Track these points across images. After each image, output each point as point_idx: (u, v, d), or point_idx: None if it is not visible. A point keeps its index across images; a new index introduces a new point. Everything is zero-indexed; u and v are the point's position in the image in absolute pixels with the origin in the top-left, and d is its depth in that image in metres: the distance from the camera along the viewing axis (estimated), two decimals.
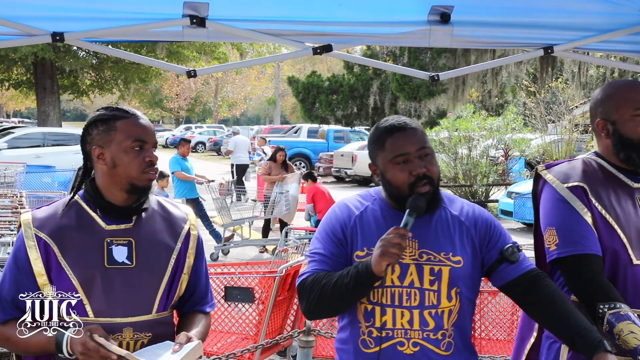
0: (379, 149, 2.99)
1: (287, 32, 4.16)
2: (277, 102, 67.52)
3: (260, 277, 6.40)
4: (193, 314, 3.15)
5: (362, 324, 2.96)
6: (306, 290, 2.94)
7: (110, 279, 2.88)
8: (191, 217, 3.16)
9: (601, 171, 3.29)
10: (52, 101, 31.90)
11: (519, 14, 4.07)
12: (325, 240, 3.01)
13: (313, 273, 2.95)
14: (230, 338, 6.42)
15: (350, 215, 3.03)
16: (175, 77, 62.16)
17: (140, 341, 2.92)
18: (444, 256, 2.95)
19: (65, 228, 2.92)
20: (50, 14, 3.85)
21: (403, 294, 2.91)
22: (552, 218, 3.22)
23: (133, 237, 2.96)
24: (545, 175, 3.34)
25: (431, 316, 2.91)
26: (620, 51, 4.57)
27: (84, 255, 2.89)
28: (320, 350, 6.44)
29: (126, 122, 2.94)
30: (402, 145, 2.94)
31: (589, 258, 3.10)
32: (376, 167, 3.04)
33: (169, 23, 3.96)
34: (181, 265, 3.05)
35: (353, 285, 2.81)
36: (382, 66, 6.12)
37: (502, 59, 4.83)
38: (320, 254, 2.99)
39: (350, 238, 2.98)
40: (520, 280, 2.97)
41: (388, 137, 2.96)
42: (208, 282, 3.22)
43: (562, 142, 23.87)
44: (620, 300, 3.00)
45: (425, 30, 4.08)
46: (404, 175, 2.91)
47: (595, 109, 3.34)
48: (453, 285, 2.94)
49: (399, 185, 2.93)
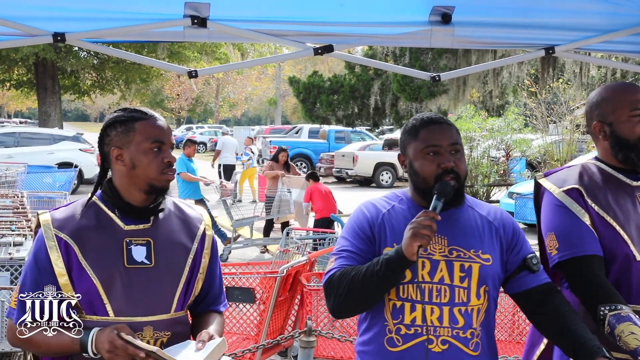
0: (411, 139, 3.00)
1: (288, 32, 4.16)
2: (278, 103, 67.53)
3: (261, 278, 6.40)
4: (208, 313, 3.17)
5: (389, 321, 2.92)
6: (334, 285, 2.89)
7: (130, 278, 2.91)
8: (206, 218, 3.19)
9: (599, 173, 3.31)
10: (53, 101, 31.92)
11: (520, 14, 4.07)
12: (352, 238, 2.99)
13: (340, 268, 2.92)
14: (232, 338, 6.42)
15: (378, 213, 3.02)
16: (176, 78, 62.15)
17: (160, 340, 2.94)
18: (473, 253, 2.95)
19: (85, 228, 2.95)
20: (51, 14, 3.85)
21: (433, 290, 2.89)
22: (551, 223, 3.25)
23: (151, 237, 2.98)
24: (543, 182, 3.38)
25: (461, 314, 2.89)
26: (622, 52, 4.57)
27: (104, 255, 2.91)
28: (322, 351, 6.44)
29: (145, 124, 2.97)
30: (435, 137, 2.96)
31: (589, 259, 3.12)
32: (405, 157, 3.04)
33: (170, 23, 3.96)
34: (197, 265, 3.07)
35: (384, 271, 2.78)
36: (383, 66, 6.13)
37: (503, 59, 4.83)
38: (348, 250, 2.97)
39: (378, 235, 2.97)
40: (535, 290, 3.00)
41: (423, 128, 2.99)
42: (222, 282, 3.25)
43: (563, 143, 23.87)
44: (621, 302, 3.01)
45: (426, 30, 4.08)
46: (433, 166, 2.92)
47: (592, 112, 3.36)
48: (482, 283, 2.94)
49: (426, 177, 2.94)
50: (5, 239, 6.75)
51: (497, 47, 5.10)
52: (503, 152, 22.73)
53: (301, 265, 6.70)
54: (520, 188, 17.76)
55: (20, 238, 6.82)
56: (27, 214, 8.78)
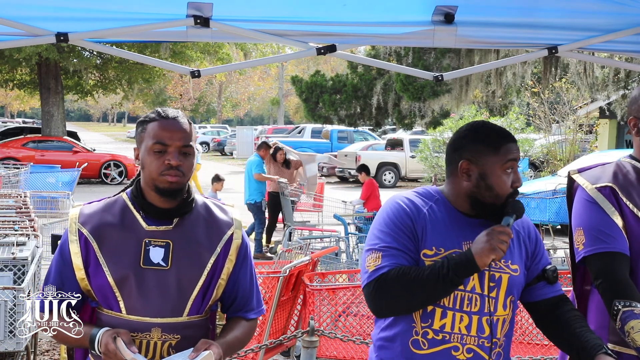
0: (490, 152, 2.93)
1: (291, 32, 4.16)
2: (281, 102, 67.54)
3: (264, 277, 6.41)
4: (235, 319, 3.18)
5: (417, 323, 2.89)
6: (389, 285, 2.82)
7: (144, 278, 2.94)
8: (237, 223, 3.16)
9: (634, 172, 3.30)
10: (56, 101, 31.92)
11: (523, 14, 4.07)
12: (397, 234, 2.90)
13: (393, 267, 2.83)
14: None
15: (419, 211, 2.94)
16: (179, 78, 62.21)
17: (167, 342, 2.96)
18: (503, 263, 2.94)
19: (108, 225, 3.00)
20: (54, 14, 3.85)
21: (465, 298, 2.88)
22: (580, 219, 3.26)
23: (171, 239, 3.00)
24: (577, 178, 3.37)
25: (488, 323, 2.90)
26: (625, 51, 4.56)
27: (121, 254, 2.96)
28: (324, 351, 6.44)
29: (154, 125, 2.99)
30: (513, 153, 2.95)
31: (614, 255, 3.13)
32: (474, 167, 2.95)
33: (173, 23, 3.96)
34: (219, 270, 3.06)
35: (451, 276, 2.75)
36: (386, 66, 6.15)
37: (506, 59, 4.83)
38: (394, 248, 2.88)
39: (421, 234, 2.90)
40: (549, 301, 3.03)
41: (506, 143, 2.95)
42: (253, 288, 3.21)
43: (565, 143, 23.88)
44: (637, 299, 3.02)
45: (429, 30, 4.07)
46: (508, 184, 2.92)
47: (630, 107, 3.36)
48: (510, 294, 2.95)
49: (502, 193, 2.92)
50: (8, 238, 6.75)
51: (500, 47, 5.10)
52: None
53: (304, 265, 6.70)
54: (523, 188, 17.56)
55: (23, 238, 6.82)
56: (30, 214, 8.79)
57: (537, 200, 14.73)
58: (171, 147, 2.96)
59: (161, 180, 2.95)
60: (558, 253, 12.44)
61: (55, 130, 31.42)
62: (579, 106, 25.85)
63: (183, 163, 2.96)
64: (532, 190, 16.31)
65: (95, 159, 28.25)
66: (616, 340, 3.14)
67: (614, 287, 3.07)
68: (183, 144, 2.98)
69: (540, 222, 14.36)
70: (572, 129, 24.08)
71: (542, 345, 6.25)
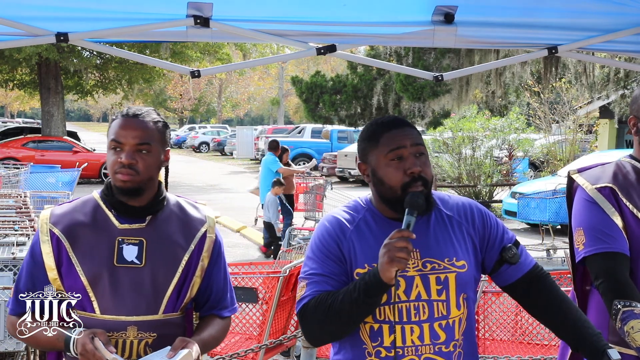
0: (372, 145, 2.85)
1: (290, 32, 4.16)
2: (281, 103, 67.56)
3: (264, 278, 6.41)
4: (209, 317, 3.15)
5: (367, 344, 2.80)
6: (309, 315, 2.75)
7: (117, 277, 2.93)
8: (210, 220, 3.15)
9: (634, 172, 3.30)
10: (56, 101, 31.93)
11: (523, 14, 4.07)
12: (321, 260, 2.81)
13: (314, 295, 2.76)
14: (234, 338, 6.43)
15: (344, 231, 2.84)
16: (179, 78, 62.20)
17: (144, 341, 2.94)
18: (448, 262, 2.82)
19: (80, 225, 2.99)
20: (54, 14, 3.85)
21: (411, 309, 2.77)
22: (580, 219, 3.25)
23: (144, 237, 2.99)
24: (577, 178, 3.36)
25: (442, 328, 2.79)
26: (625, 51, 4.56)
27: (94, 253, 2.94)
28: (324, 351, 6.44)
29: (115, 122, 3.01)
30: (398, 140, 2.80)
31: (614, 255, 3.13)
32: (367, 166, 2.88)
33: (173, 23, 3.96)
34: (193, 267, 3.05)
35: (363, 298, 2.64)
36: (386, 66, 6.14)
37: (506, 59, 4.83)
38: (319, 274, 2.79)
39: (348, 255, 2.80)
40: (520, 281, 2.92)
41: (383, 133, 2.84)
42: (227, 286, 3.19)
43: (565, 143, 23.87)
44: (638, 299, 3.01)
45: (429, 30, 4.07)
46: (399, 174, 2.77)
47: (631, 106, 3.36)
48: (461, 292, 2.84)
49: (393, 185, 2.78)
50: (8, 238, 6.76)
51: (500, 47, 5.09)
52: (506, 152, 22.70)
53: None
54: (523, 188, 17.72)
55: (23, 238, 6.82)
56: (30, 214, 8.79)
57: (537, 200, 14.71)
58: (125, 146, 2.94)
59: (115, 179, 2.96)
60: (558, 253, 12.46)
61: (55, 130, 31.42)
62: (579, 106, 25.83)
63: (137, 162, 2.94)
64: (532, 190, 16.30)
65: (95, 159, 28.22)
66: (616, 341, 3.14)
67: (614, 287, 3.07)
68: (138, 142, 2.95)
69: (540, 222, 14.36)
70: (572, 129, 24.07)
71: (542, 345, 6.25)
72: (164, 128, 3.07)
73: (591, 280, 3.31)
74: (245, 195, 21.99)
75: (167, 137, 3.09)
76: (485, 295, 6.10)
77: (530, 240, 14.56)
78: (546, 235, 14.07)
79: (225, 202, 22.29)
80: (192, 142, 57.02)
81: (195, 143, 56.32)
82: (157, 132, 3.02)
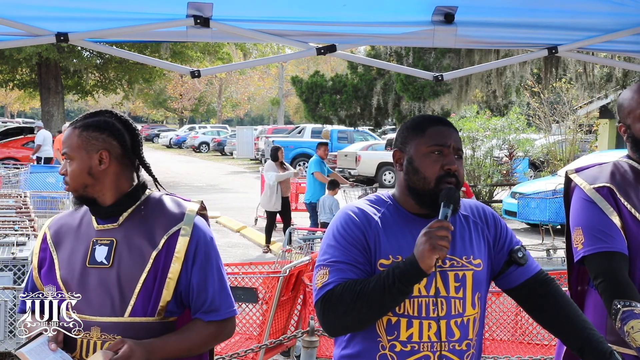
0: (416, 135, 2.85)
1: (290, 32, 4.16)
2: (281, 102, 67.54)
3: (264, 278, 6.41)
4: (193, 321, 3.02)
5: (382, 337, 2.78)
6: (335, 302, 2.71)
7: (87, 277, 2.94)
8: (187, 218, 3.00)
9: (632, 172, 3.31)
10: (56, 101, 31.95)
11: (523, 14, 4.07)
12: (345, 248, 2.78)
13: (339, 282, 2.72)
14: (234, 338, 6.43)
15: (370, 221, 2.83)
16: (179, 78, 62.22)
17: (107, 342, 2.87)
18: (465, 260, 2.84)
19: (66, 228, 3.08)
20: (54, 14, 3.86)
21: (430, 304, 2.76)
22: (579, 218, 3.26)
23: (115, 237, 2.97)
24: (575, 178, 3.37)
25: (457, 326, 2.79)
26: (625, 51, 4.56)
27: (72, 254, 2.99)
28: (324, 351, 6.44)
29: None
30: (443, 137, 2.83)
31: (613, 255, 3.13)
32: (403, 154, 2.89)
33: (173, 23, 3.96)
34: (163, 268, 2.93)
35: (398, 286, 2.62)
36: (386, 66, 6.13)
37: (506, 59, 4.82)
38: (342, 262, 2.76)
39: (374, 245, 2.79)
40: (526, 284, 2.93)
41: (431, 126, 2.85)
42: (212, 289, 2.99)
43: (566, 143, 23.88)
44: (637, 299, 3.02)
45: (429, 30, 4.07)
46: (436, 166, 2.79)
47: (618, 113, 3.39)
48: (476, 291, 2.85)
49: (428, 176, 2.79)
50: (8, 238, 6.76)
51: (500, 47, 5.09)
52: (506, 152, 22.71)
53: (304, 265, 6.70)
54: (523, 188, 17.73)
55: (23, 238, 6.83)
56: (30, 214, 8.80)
57: (537, 200, 14.72)
58: (66, 156, 3.03)
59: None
60: (558, 253, 12.45)
61: (55, 130, 31.41)
62: (579, 106, 25.84)
63: (67, 171, 3.01)
64: (532, 190, 16.31)
65: None
66: (613, 340, 3.14)
67: (613, 287, 3.08)
68: (63, 152, 3.04)
69: (540, 222, 14.36)
70: (572, 129, 24.07)
71: (542, 345, 6.26)
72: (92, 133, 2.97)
73: (588, 280, 3.32)
74: (245, 195, 22.01)
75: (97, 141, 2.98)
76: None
77: (530, 240, 14.57)
78: (546, 235, 14.08)
79: (225, 202, 22.29)
80: (192, 142, 57.06)
81: (195, 143, 56.35)
82: (77, 140, 2.97)
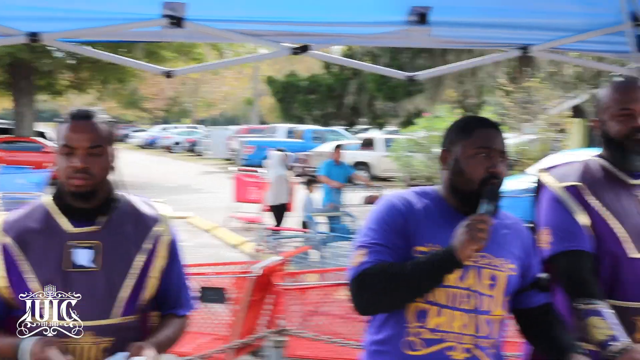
0: (463, 136, 2.89)
1: (264, 32, 4.16)
2: (255, 102, 67.36)
3: (235, 278, 6.40)
4: (167, 317, 3.07)
5: (411, 323, 2.81)
6: (370, 280, 2.77)
7: (70, 282, 2.84)
8: (164, 218, 3.05)
9: (602, 170, 3.32)
10: (27, 102, 31.71)
11: (496, 14, 4.10)
12: (385, 231, 2.84)
13: (376, 263, 2.78)
14: (204, 339, 6.41)
15: (412, 207, 2.88)
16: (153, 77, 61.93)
17: (102, 345, 2.86)
18: (501, 262, 2.87)
19: (30, 232, 2.90)
20: (26, 14, 3.83)
21: (463, 296, 2.80)
22: (546, 218, 3.25)
23: (99, 240, 2.90)
24: (544, 177, 3.37)
25: (485, 323, 2.82)
26: (596, 51, 4.61)
27: (44, 259, 2.86)
28: (293, 350, 6.43)
29: (64, 126, 2.91)
30: (489, 139, 2.88)
31: (579, 254, 3.13)
32: (450, 153, 2.92)
33: (147, 23, 3.95)
34: (149, 267, 2.96)
35: (434, 272, 2.70)
36: (359, 66, 6.13)
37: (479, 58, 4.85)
38: (381, 244, 2.82)
39: (413, 231, 2.83)
40: (537, 309, 3.00)
41: (477, 128, 2.90)
42: (183, 284, 3.11)
43: (537, 142, 24.01)
44: (598, 297, 3.05)
45: (403, 30, 4.09)
46: (481, 168, 2.83)
47: (596, 105, 3.39)
48: (507, 294, 2.89)
49: (472, 177, 2.83)
50: None
51: (474, 47, 5.12)
52: None
53: (275, 264, 6.70)
54: None
55: None
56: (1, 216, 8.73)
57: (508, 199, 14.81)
58: (78, 150, 2.86)
59: (68, 184, 2.87)
60: None
61: (27, 131, 31.20)
62: (551, 105, 25.98)
63: (91, 165, 2.86)
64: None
65: None
66: (580, 337, 3.17)
67: (577, 286, 3.09)
68: (90, 145, 2.87)
69: None
70: (544, 128, 24.21)
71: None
72: (112, 127, 2.98)
73: (554, 280, 3.33)
74: (216, 195, 21.98)
75: (114, 136, 3.01)
76: None
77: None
78: None
79: (197, 202, 22.21)
80: (165, 142, 56.82)
81: (167, 143, 56.12)
82: (107, 133, 2.94)
